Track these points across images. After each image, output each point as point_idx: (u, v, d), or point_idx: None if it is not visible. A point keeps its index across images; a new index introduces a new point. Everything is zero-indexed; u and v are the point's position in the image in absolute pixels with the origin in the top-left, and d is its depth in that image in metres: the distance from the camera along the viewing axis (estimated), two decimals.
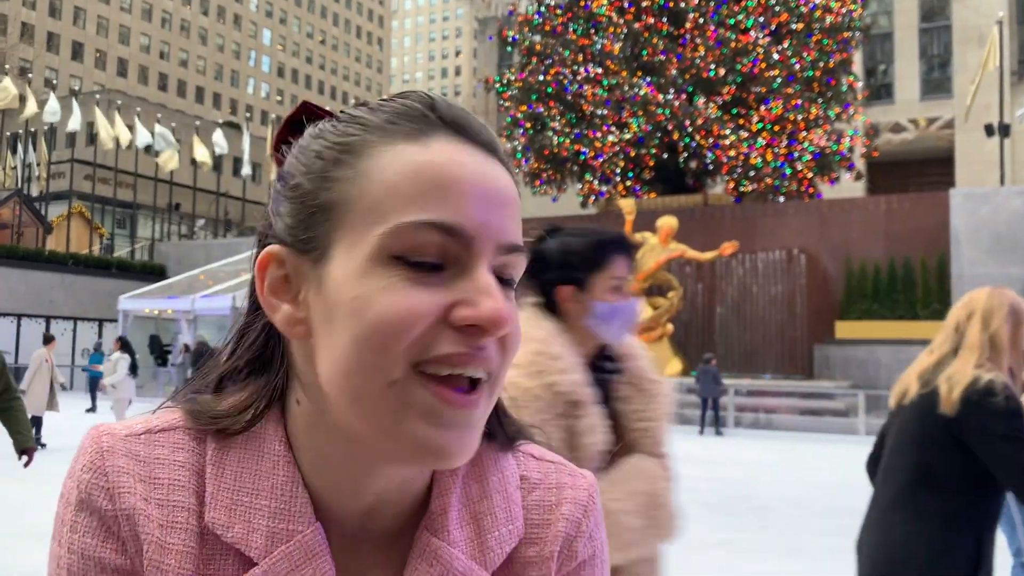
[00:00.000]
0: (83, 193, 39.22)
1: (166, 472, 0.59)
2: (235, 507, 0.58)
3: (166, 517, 0.58)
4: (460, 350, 0.54)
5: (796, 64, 25.75)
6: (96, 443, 0.61)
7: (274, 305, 0.59)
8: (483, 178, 0.56)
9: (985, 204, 20.58)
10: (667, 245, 21.38)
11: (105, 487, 0.58)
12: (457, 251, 0.55)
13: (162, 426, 0.62)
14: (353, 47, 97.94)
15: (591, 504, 0.68)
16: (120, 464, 0.59)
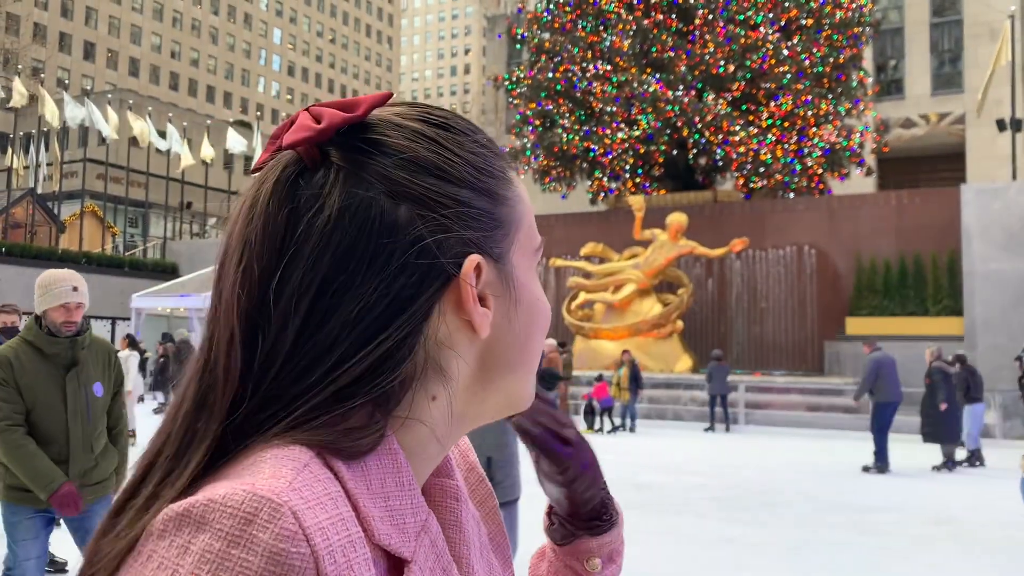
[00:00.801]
0: (96, 192, 39.47)
1: (336, 508, 0.53)
2: (387, 514, 0.57)
3: (357, 554, 0.52)
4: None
5: (806, 60, 25.68)
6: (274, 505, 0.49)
7: (475, 309, 0.60)
8: None
9: (996, 199, 20.50)
10: (677, 242, 21.39)
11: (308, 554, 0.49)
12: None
13: (304, 462, 0.53)
14: (363, 45, 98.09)
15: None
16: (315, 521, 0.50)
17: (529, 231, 0.69)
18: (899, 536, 7.49)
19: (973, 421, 12.61)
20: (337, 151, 0.59)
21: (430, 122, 0.63)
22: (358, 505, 0.55)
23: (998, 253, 20.09)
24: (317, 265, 0.56)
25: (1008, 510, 8.83)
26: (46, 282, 3.85)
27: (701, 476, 10.91)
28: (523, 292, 0.67)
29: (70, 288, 3.83)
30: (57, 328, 3.81)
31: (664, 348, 21.25)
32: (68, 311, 3.84)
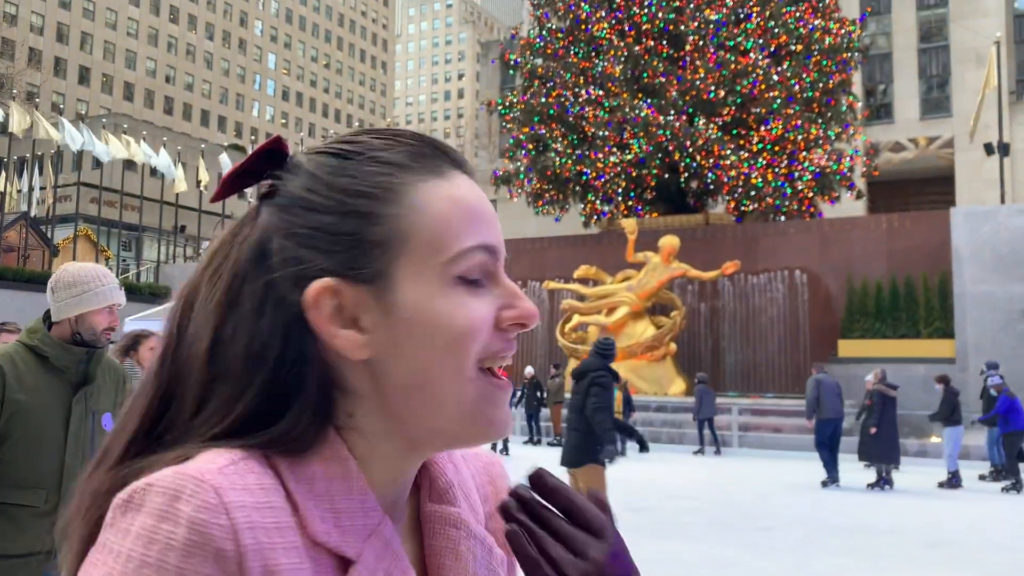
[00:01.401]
0: (89, 216, 39.47)
1: (267, 496, 0.58)
2: (330, 515, 0.61)
3: (277, 540, 0.57)
4: (504, 346, 0.67)
5: (796, 85, 25.94)
6: (201, 480, 0.56)
7: (333, 333, 0.63)
8: (487, 203, 0.70)
9: (986, 222, 20.66)
10: (669, 264, 21.48)
11: (227, 525, 0.55)
12: (493, 266, 0.67)
13: (239, 456, 0.60)
14: (357, 71, 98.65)
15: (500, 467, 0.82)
16: (238, 499, 0.56)
17: (430, 243, 0.64)
18: (894, 559, 7.50)
19: (952, 443, 12.66)
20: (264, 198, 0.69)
21: (326, 153, 0.68)
22: (297, 501, 0.60)
23: (988, 275, 20.23)
24: (217, 294, 0.66)
25: (1005, 532, 8.86)
26: (83, 278, 2.89)
27: (694, 500, 10.91)
28: (412, 310, 0.64)
29: (116, 287, 2.97)
30: (96, 336, 2.91)
31: (657, 371, 21.27)
32: (112, 315, 2.98)
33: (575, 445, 6.86)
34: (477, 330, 0.65)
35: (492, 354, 0.66)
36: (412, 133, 0.70)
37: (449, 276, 0.65)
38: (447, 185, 0.67)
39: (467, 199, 0.67)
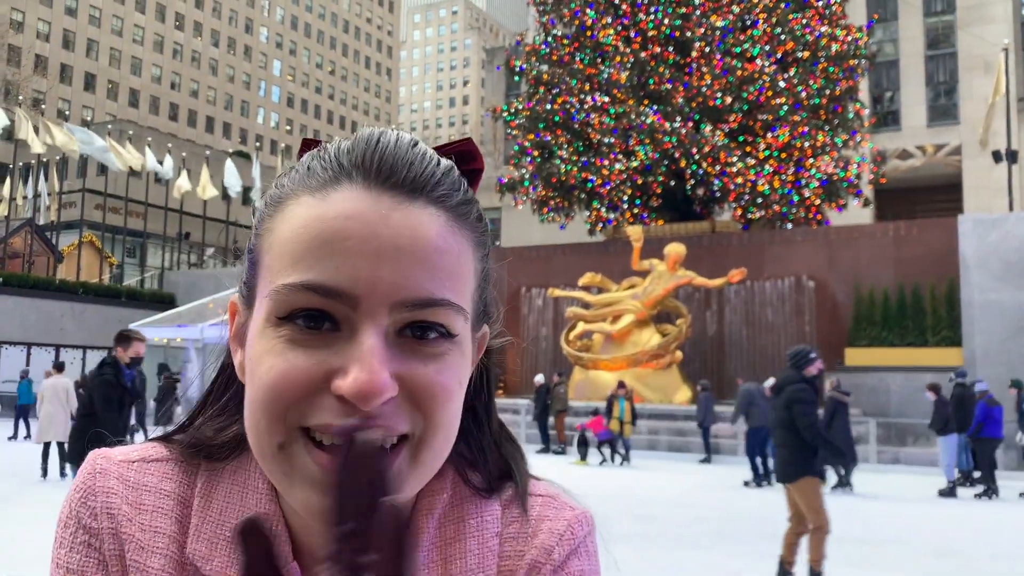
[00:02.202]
0: (94, 222, 39.51)
1: (151, 499, 0.62)
2: (217, 540, 0.60)
3: (147, 541, 0.60)
4: (339, 422, 0.52)
5: (802, 92, 25.86)
6: (91, 465, 0.64)
7: (234, 350, 0.64)
8: (380, 229, 0.54)
9: (994, 230, 20.52)
10: (675, 272, 21.38)
11: (92, 506, 0.62)
12: (344, 312, 0.53)
13: (156, 456, 0.65)
14: (362, 77, 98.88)
15: (569, 534, 0.66)
16: (109, 486, 0.63)
17: (269, 270, 0.56)
18: (902, 569, 7.37)
19: (947, 452, 12.71)
20: None
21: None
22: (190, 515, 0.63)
23: (996, 283, 20.07)
24: None
25: (1013, 542, 8.73)
26: None
27: (701, 508, 10.78)
28: (249, 349, 0.57)
29: None
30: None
31: (663, 379, 21.15)
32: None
33: (787, 460, 6.76)
34: (278, 387, 0.53)
35: (319, 426, 0.53)
36: (363, 134, 0.59)
37: (273, 314, 0.54)
38: (315, 204, 0.55)
39: (327, 224, 0.54)
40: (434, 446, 0.57)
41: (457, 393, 0.57)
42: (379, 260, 0.53)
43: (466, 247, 0.58)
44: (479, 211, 0.61)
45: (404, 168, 0.56)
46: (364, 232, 0.53)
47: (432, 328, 0.55)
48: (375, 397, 0.51)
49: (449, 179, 0.58)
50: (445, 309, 0.55)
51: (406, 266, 0.53)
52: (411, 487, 0.57)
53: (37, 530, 8.53)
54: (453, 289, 0.56)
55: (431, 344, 0.55)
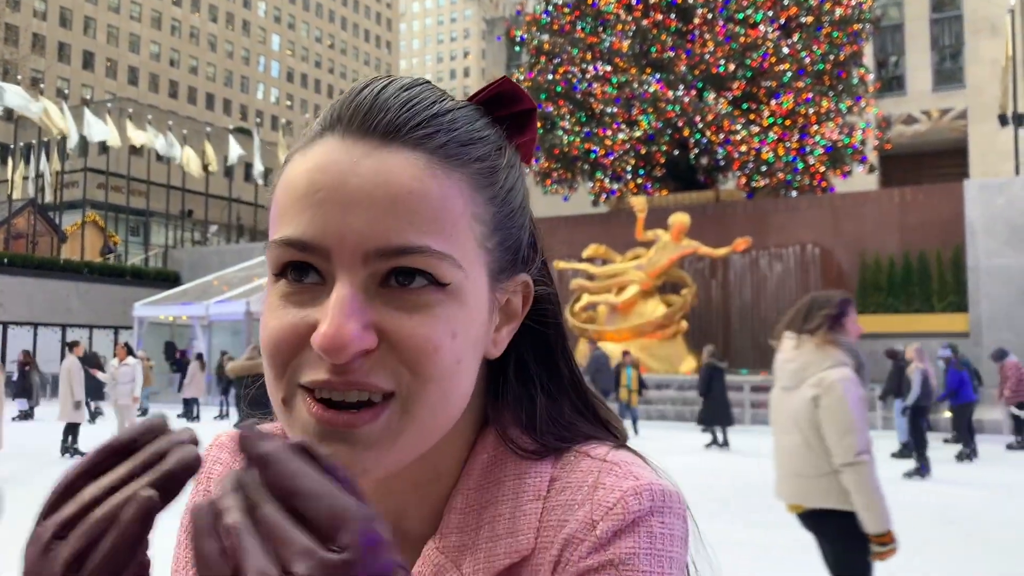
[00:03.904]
0: (96, 202, 39.48)
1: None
2: None
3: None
4: (321, 376, 0.52)
5: (806, 58, 25.60)
6: (216, 438, 0.71)
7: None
8: (349, 178, 0.52)
9: (1000, 195, 20.39)
10: (680, 242, 21.30)
11: (202, 471, 0.66)
12: (323, 265, 0.53)
13: (271, 430, 0.67)
14: (362, 51, 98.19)
15: (621, 507, 0.57)
16: (219, 455, 0.69)
17: (270, 228, 0.56)
18: (909, 536, 7.39)
19: (903, 417, 12.94)
20: None
21: None
22: None
23: (1002, 248, 19.98)
24: None
25: (1019, 508, 8.75)
26: None
27: (707, 477, 10.82)
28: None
29: None
30: None
31: (668, 349, 21.15)
32: None
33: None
34: (272, 343, 0.53)
35: (308, 382, 0.53)
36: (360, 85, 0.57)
37: (271, 271, 0.55)
38: (300, 160, 0.55)
39: (303, 177, 0.54)
40: (428, 401, 0.54)
41: (448, 345, 0.54)
42: (348, 209, 0.52)
43: (457, 190, 0.55)
44: (488, 152, 0.58)
45: (380, 113, 0.55)
46: (333, 182, 0.53)
47: (418, 276, 0.53)
48: (342, 350, 0.50)
49: (441, 118, 0.56)
50: (424, 256, 0.52)
51: (376, 214, 0.52)
52: (410, 441, 0.55)
53: None
54: (437, 235, 0.53)
55: (416, 293, 0.53)
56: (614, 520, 0.56)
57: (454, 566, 0.58)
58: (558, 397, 0.66)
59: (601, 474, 0.59)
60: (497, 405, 0.64)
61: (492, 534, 0.58)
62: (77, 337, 27.88)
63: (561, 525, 0.57)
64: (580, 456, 0.62)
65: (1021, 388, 13.77)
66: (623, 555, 0.55)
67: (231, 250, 33.28)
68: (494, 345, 0.61)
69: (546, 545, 0.58)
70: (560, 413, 0.65)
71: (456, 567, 0.58)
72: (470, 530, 0.59)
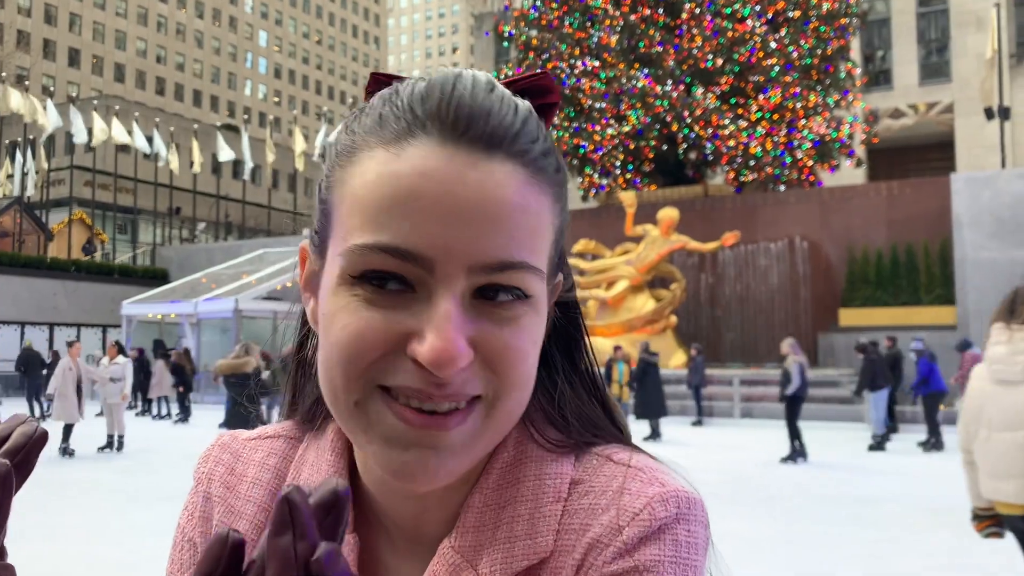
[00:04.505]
0: (83, 199, 39.25)
1: (253, 472, 0.67)
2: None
3: (239, 507, 0.65)
4: (416, 385, 0.51)
5: (794, 52, 25.67)
6: (218, 438, 0.71)
7: (305, 298, 0.62)
8: (456, 188, 0.51)
9: (987, 188, 20.51)
10: (669, 237, 21.35)
11: (203, 471, 0.68)
12: (419, 274, 0.51)
13: (271, 433, 0.70)
14: (350, 46, 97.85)
15: (647, 513, 0.56)
16: (221, 456, 0.69)
17: (342, 225, 0.53)
18: (898, 528, 7.45)
19: (876, 407, 13.16)
20: None
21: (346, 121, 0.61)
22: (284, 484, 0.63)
23: (989, 241, 20.10)
24: None
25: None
26: None
27: (696, 471, 10.84)
28: (322, 295, 0.56)
29: None
30: None
31: (658, 344, 21.17)
32: None
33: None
34: (355, 346, 0.52)
35: (397, 388, 0.52)
36: (431, 81, 0.55)
37: (347, 273, 0.53)
38: (389, 159, 0.52)
39: (402, 181, 0.51)
40: (508, 406, 0.55)
41: (531, 353, 0.55)
42: (455, 221, 0.50)
43: (546, 202, 0.55)
44: (558, 160, 0.58)
45: (482, 119, 0.52)
46: (439, 191, 0.50)
47: (507, 291, 0.53)
48: (451, 365, 0.50)
49: (529, 128, 0.55)
50: (522, 272, 0.53)
51: (482, 228, 0.51)
52: (485, 443, 0.56)
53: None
54: (531, 249, 0.53)
55: (506, 307, 0.53)
56: (640, 526, 0.55)
57: (470, 566, 0.57)
58: (580, 390, 0.67)
59: (627, 479, 0.58)
60: None
61: (510, 535, 0.58)
62: (66, 336, 27.74)
63: (584, 529, 0.57)
64: (602, 460, 0.61)
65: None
66: (648, 562, 0.55)
67: (219, 247, 33.15)
68: None
69: (567, 548, 0.57)
70: (581, 406, 0.65)
71: (472, 567, 0.57)
72: (487, 529, 0.59)
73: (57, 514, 8.22)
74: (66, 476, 10.73)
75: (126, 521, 7.92)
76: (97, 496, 9.44)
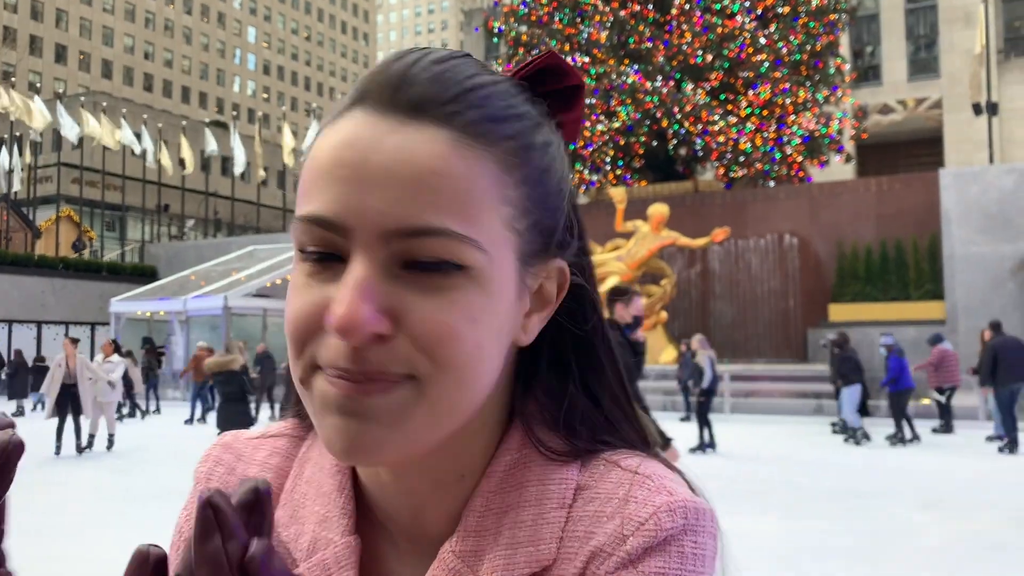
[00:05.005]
0: (71, 196, 39.02)
1: (254, 471, 0.66)
2: (296, 510, 0.62)
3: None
4: (335, 358, 0.51)
5: (783, 48, 25.72)
6: (221, 438, 0.70)
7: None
8: (371, 152, 0.50)
9: (975, 183, 20.61)
10: (659, 233, 21.36)
11: (202, 471, 0.67)
12: (341, 244, 0.51)
13: (275, 432, 0.69)
14: (339, 42, 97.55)
15: (652, 523, 0.54)
16: (222, 456, 0.68)
17: (300, 200, 0.53)
18: (889, 522, 7.48)
19: (849, 401, 13.30)
20: None
21: None
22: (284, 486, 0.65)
23: (977, 236, 20.21)
24: None
25: (998, 492, 8.87)
26: None
27: (685, 466, 10.87)
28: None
29: None
30: None
31: (649, 340, 21.21)
32: None
33: None
34: (293, 323, 0.52)
35: (323, 363, 0.52)
36: (386, 59, 0.54)
37: (296, 248, 0.54)
38: (328, 135, 0.53)
39: (326, 153, 0.52)
40: (445, 386, 0.52)
41: (466, 331, 0.51)
42: (368, 187, 0.50)
43: (484, 169, 0.52)
44: (521, 130, 0.54)
45: (412, 86, 0.52)
46: (356, 159, 0.50)
47: (437, 264, 0.51)
48: (354, 331, 0.49)
49: (474, 95, 0.53)
50: (444, 239, 0.50)
51: (395, 192, 0.50)
52: (420, 425, 0.52)
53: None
54: (458, 216, 0.50)
55: (435, 277, 0.51)
56: (645, 536, 0.53)
57: (471, 571, 0.56)
58: (596, 393, 0.63)
59: (633, 487, 0.56)
60: (525, 397, 0.61)
61: (512, 540, 0.56)
62: (54, 334, 27.59)
63: (588, 537, 0.55)
64: (610, 466, 0.58)
65: (938, 373, 14.32)
66: (652, 574, 0.53)
67: (208, 244, 33.02)
68: (524, 332, 0.58)
69: (569, 556, 0.55)
70: (596, 411, 0.62)
71: (473, 572, 0.56)
72: (489, 535, 0.57)
73: (49, 514, 8.17)
74: (57, 476, 10.68)
75: (119, 520, 7.89)
76: (90, 495, 9.40)
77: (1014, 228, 19.96)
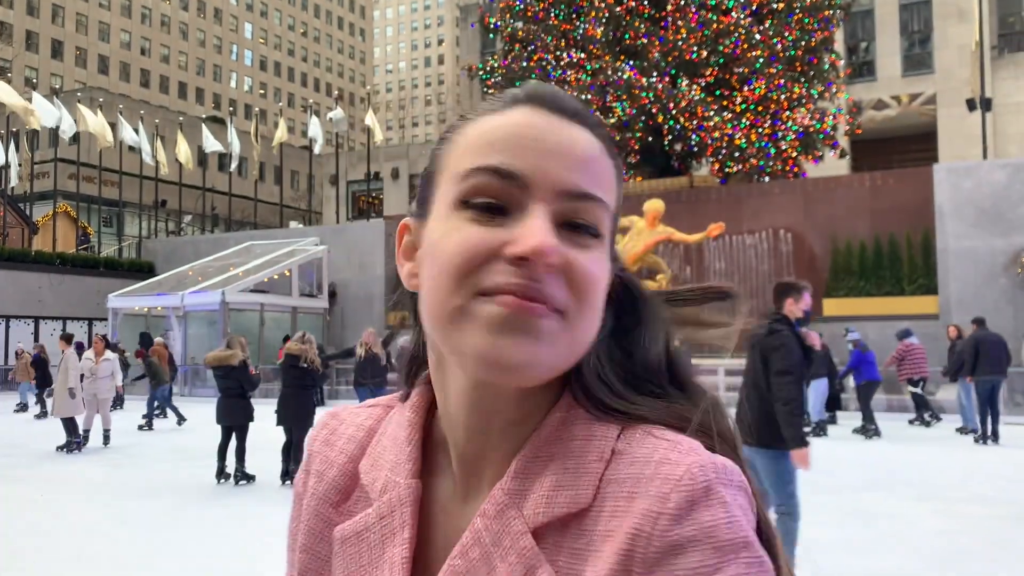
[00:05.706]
0: (68, 192, 39.00)
1: (350, 431, 0.78)
2: (376, 459, 0.74)
3: (333, 458, 0.77)
4: (512, 280, 0.60)
5: (778, 44, 25.77)
6: (332, 409, 0.83)
7: (401, 264, 0.72)
8: (549, 134, 0.64)
9: (968, 178, 20.72)
10: (654, 228, 21.42)
11: (312, 435, 0.81)
12: (516, 194, 0.62)
13: (373, 403, 0.81)
14: (335, 38, 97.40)
15: (688, 478, 0.60)
16: (328, 422, 0.81)
17: (452, 170, 0.66)
18: (882, 515, 7.57)
19: (816, 395, 13.46)
20: None
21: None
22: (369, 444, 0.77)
23: (971, 231, 20.32)
24: None
25: (992, 486, 8.98)
26: None
27: None
28: (428, 237, 0.66)
29: None
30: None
31: None
32: None
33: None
34: (460, 255, 0.62)
35: (493, 287, 0.61)
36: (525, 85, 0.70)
37: (456, 199, 0.64)
38: (496, 118, 0.66)
39: (508, 126, 0.65)
40: (582, 324, 0.64)
41: (601, 283, 0.65)
42: (549, 155, 0.63)
43: (614, 173, 0.68)
44: (620, 160, 0.71)
45: (566, 100, 0.67)
46: (536, 135, 0.64)
47: (585, 228, 0.64)
48: (546, 256, 0.59)
49: (602, 126, 0.69)
50: (598, 205, 0.64)
51: (571, 163, 0.64)
52: (566, 352, 0.63)
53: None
54: (607, 194, 0.66)
55: (584, 237, 0.64)
56: (684, 491, 0.59)
57: (516, 507, 0.64)
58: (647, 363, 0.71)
59: (667, 451, 0.62)
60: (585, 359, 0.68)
61: (555, 484, 0.64)
62: (51, 330, 27.63)
63: (632, 496, 0.61)
64: (644, 434, 0.65)
65: (904, 367, 14.57)
66: (707, 526, 0.58)
67: (206, 240, 33.06)
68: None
69: (617, 512, 0.61)
70: (643, 382, 0.70)
71: (518, 508, 0.64)
72: (535, 477, 0.65)
73: (46, 510, 8.25)
74: (54, 472, 10.75)
75: (117, 515, 7.96)
76: (87, 491, 9.47)
77: (1007, 223, 20.08)
